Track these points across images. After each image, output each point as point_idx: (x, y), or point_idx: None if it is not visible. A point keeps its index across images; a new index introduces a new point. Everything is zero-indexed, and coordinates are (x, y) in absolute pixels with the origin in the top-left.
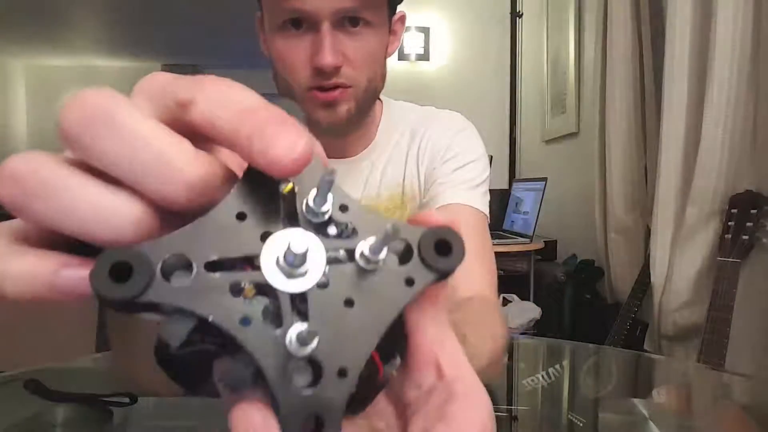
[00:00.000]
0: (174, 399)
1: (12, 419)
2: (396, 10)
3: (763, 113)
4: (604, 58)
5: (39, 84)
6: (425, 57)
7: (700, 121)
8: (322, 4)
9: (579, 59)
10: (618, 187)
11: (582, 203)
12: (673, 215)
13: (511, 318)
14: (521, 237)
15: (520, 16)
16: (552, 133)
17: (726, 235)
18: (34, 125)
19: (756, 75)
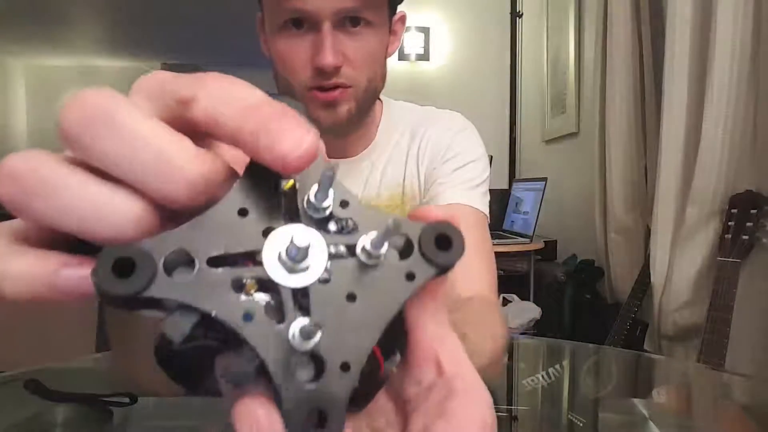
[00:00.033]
0: (174, 399)
1: (12, 419)
2: (396, 10)
3: (763, 113)
4: (604, 58)
5: (39, 84)
6: (425, 57)
7: (700, 121)
8: (322, 4)
9: (579, 59)
10: (618, 187)
11: (582, 203)
12: (673, 215)
13: (511, 318)
14: (521, 237)
15: (520, 16)
16: (552, 133)
17: (726, 235)
18: (34, 125)
19: (756, 75)
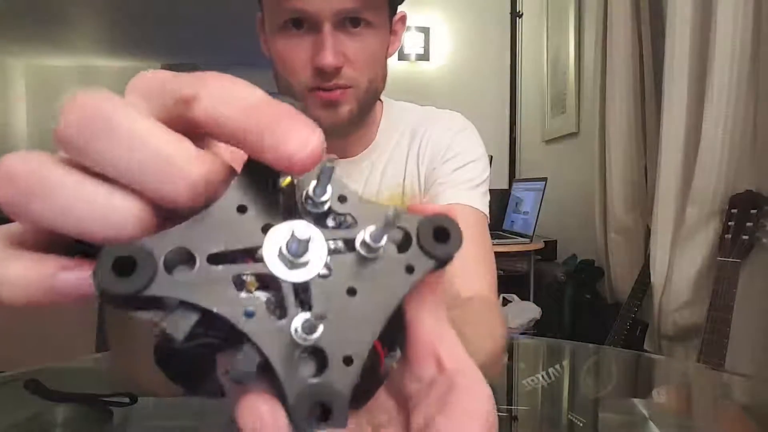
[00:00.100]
0: (174, 399)
1: (12, 419)
2: (397, 10)
3: (763, 113)
4: (604, 58)
5: (39, 84)
6: (425, 57)
7: (700, 121)
8: (323, 4)
9: (579, 59)
10: (618, 187)
11: (582, 203)
12: (673, 215)
13: (511, 318)
14: (521, 237)
15: (520, 16)
16: (552, 133)
17: (726, 235)
18: (34, 125)
19: (756, 75)
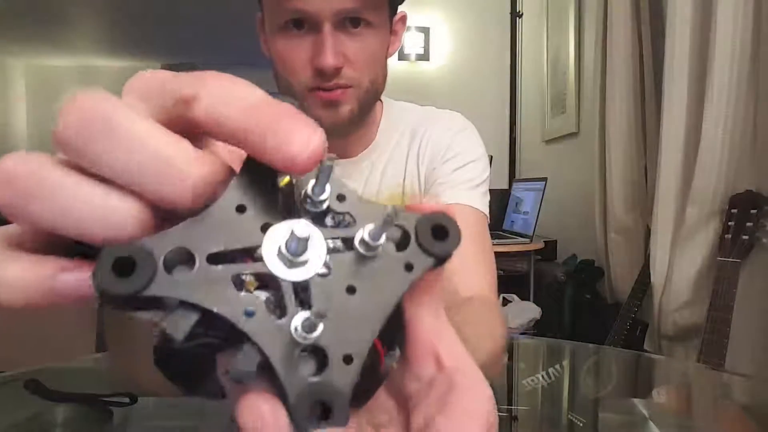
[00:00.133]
0: (174, 399)
1: (12, 419)
2: (397, 10)
3: (763, 113)
4: (604, 58)
5: (39, 84)
6: (425, 57)
7: (700, 121)
8: (323, 5)
9: (579, 59)
10: (618, 187)
11: (582, 203)
12: (673, 215)
13: (511, 318)
14: (521, 237)
15: (520, 16)
16: (552, 133)
17: (726, 235)
18: (34, 125)
19: (756, 75)
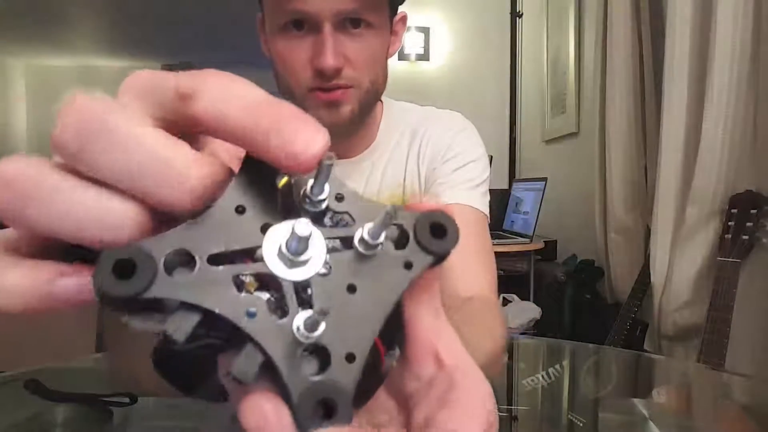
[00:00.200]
0: (174, 399)
1: (12, 419)
2: (397, 11)
3: (763, 113)
4: (604, 58)
5: (39, 84)
6: (425, 57)
7: (700, 121)
8: (323, 5)
9: (579, 59)
10: (618, 187)
11: (582, 203)
12: (673, 215)
13: (511, 318)
14: (521, 237)
15: (520, 16)
16: (552, 133)
17: (726, 235)
18: (34, 125)
19: (756, 75)
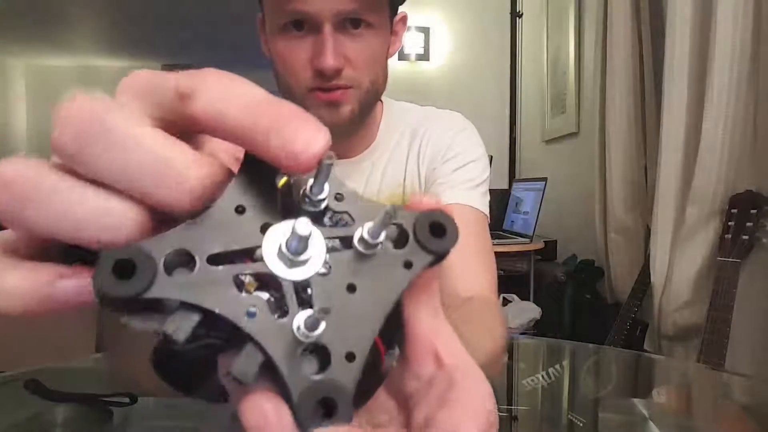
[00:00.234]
0: (174, 399)
1: (12, 419)
2: (397, 11)
3: (763, 113)
4: (604, 58)
5: (39, 84)
6: (425, 57)
7: (700, 121)
8: (323, 6)
9: (579, 59)
10: (618, 187)
11: (582, 203)
12: (673, 215)
13: (511, 318)
14: (521, 237)
15: (520, 16)
16: (552, 133)
17: (726, 235)
18: (34, 125)
19: (756, 75)
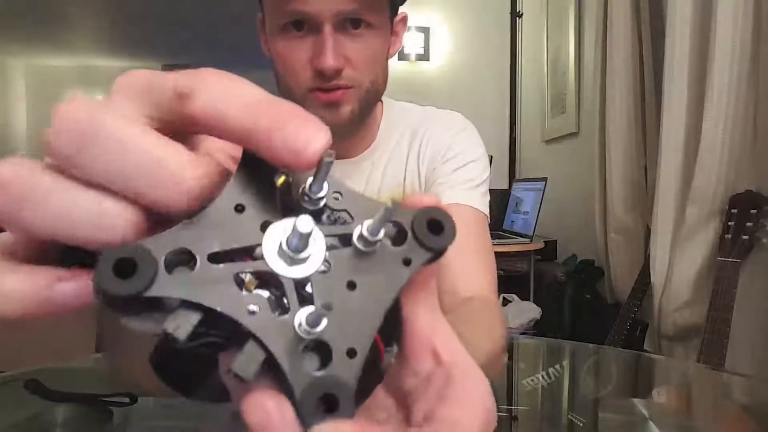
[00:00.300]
0: (173, 399)
1: (12, 419)
2: (398, 11)
3: (763, 113)
4: (604, 58)
5: (39, 84)
6: (425, 57)
7: (700, 121)
8: (323, 6)
9: (579, 59)
10: (618, 187)
11: (582, 203)
12: (673, 215)
13: (511, 318)
14: (521, 237)
15: (520, 16)
16: (552, 133)
17: (726, 235)
18: (34, 125)
19: (756, 75)
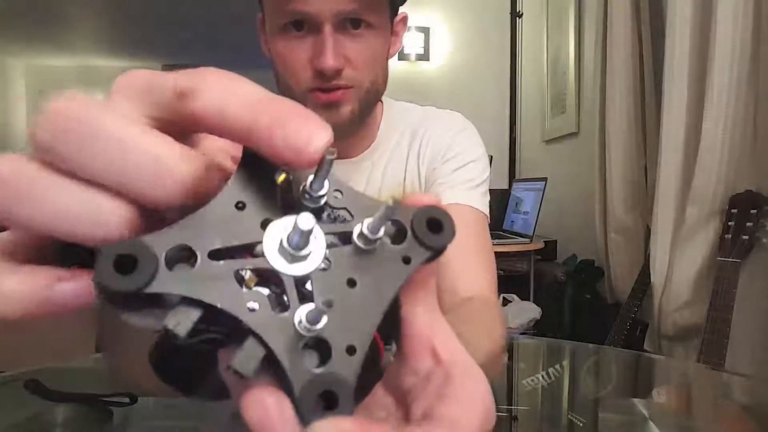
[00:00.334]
0: (173, 399)
1: (12, 419)
2: (398, 11)
3: (763, 113)
4: (604, 58)
5: (39, 84)
6: (425, 57)
7: (700, 121)
8: (323, 6)
9: (579, 59)
10: (618, 187)
11: (582, 203)
12: (673, 215)
13: (511, 318)
14: (521, 237)
15: (520, 16)
16: (552, 133)
17: (726, 235)
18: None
19: (756, 75)
